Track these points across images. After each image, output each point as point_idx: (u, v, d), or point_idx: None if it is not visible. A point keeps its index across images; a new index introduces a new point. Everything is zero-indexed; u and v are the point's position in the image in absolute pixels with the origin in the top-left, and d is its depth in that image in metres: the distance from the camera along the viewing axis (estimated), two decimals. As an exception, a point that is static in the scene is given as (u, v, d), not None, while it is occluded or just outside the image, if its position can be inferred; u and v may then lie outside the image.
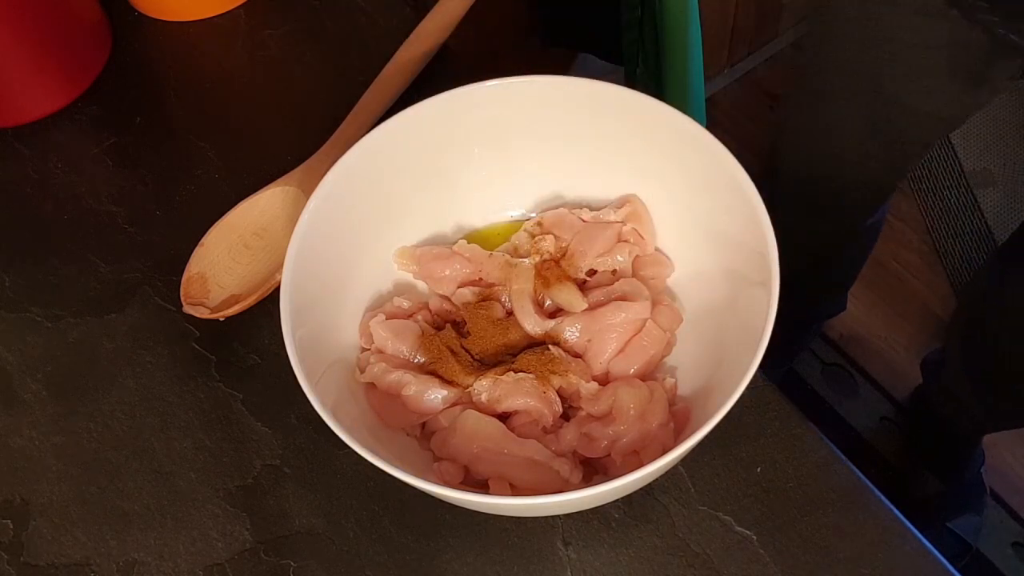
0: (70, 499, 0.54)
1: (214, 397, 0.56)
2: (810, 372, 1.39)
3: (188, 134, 0.67)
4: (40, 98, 0.68)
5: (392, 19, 0.71)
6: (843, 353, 1.41)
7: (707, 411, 0.44)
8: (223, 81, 0.70)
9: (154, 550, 0.52)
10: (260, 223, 0.60)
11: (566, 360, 0.50)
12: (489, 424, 0.49)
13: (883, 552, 0.48)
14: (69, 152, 0.67)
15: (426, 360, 0.51)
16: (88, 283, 0.61)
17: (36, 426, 0.56)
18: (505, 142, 0.55)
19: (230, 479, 0.53)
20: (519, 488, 0.47)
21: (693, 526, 0.50)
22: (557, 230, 0.54)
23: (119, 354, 0.58)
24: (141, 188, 0.65)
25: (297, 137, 0.64)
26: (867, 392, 1.38)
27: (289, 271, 0.48)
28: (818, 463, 0.51)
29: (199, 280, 0.58)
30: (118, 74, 0.70)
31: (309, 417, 0.50)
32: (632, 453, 0.48)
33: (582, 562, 0.49)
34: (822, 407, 1.36)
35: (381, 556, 0.50)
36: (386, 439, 0.48)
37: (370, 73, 0.65)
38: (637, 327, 0.51)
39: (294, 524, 0.52)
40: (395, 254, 0.55)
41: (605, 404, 0.49)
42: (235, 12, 0.73)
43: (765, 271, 0.45)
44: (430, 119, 0.53)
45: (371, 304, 0.54)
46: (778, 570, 0.48)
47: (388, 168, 0.53)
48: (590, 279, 0.54)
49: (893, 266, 1.47)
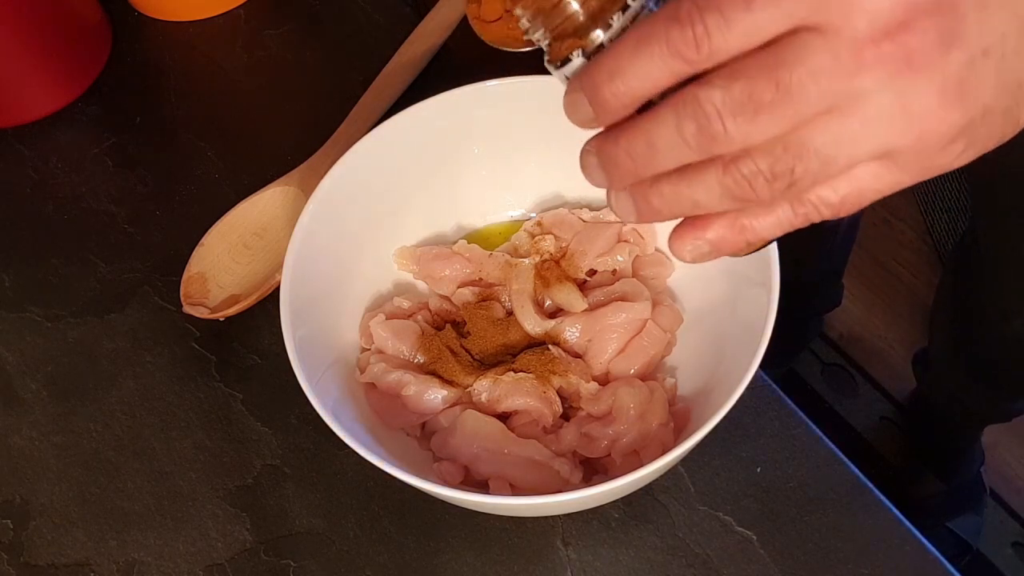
0: (70, 499, 0.54)
1: (214, 397, 0.56)
2: (810, 372, 1.39)
3: (188, 134, 0.67)
4: (40, 98, 0.68)
5: (392, 19, 0.71)
6: (843, 353, 1.41)
7: (707, 411, 0.44)
8: (223, 81, 0.70)
9: (154, 550, 0.52)
10: (260, 223, 0.60)
11: (566, 360, 0.50)
12: (489, 424, 0.49)
13: (883, 552, 0.48)
14: (69, 152, 0.67)
15: (426, 360, 0.51)
16: (88, 283, 0.61)
17: (36, 426, 0.56)
18: (505, 142, 0.55)
19: (230, 479, 0.53)
20: (519, 488, 0.47)
21: (693, 526, 0.50)
22: (557, 230, 0.54)
23: (119, 354, 0.58)
24: (141, 188, 0.65)
25: (297, 137, 0.64)
26: (867, 392, 1.38)
27: (289, 271, 0.48)
28: (818, 463, 0.51)
29: (199, 280, 0.58)
30: (118, 74, 0.70)
31: (309, 417, 0.50)
32: (632, 453, 0.48)
33: (582, 562, 0.49)
34: (822, 407, 1.36)
35: (381, 556, 0.50)
36: (386, 439, 0.48)
37: (370, 73, 0.65)
38: (637, 327, 0.51)
39: (294, 524, 0.52)
40: (395, 254, 0.55)
41: (605, 404, 0.49)
42: (235, 12, 0.73)
43: (765, 271, 0.45)
44: (430, 119, 0.53)
45: (371, 304, 0.54)
46: (778, 570, 0.48)
47: (388, 168, 0.53)
48: (590, 279, 0.54)
49: (893, 266, 1.47)
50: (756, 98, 0.27)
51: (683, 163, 0.30)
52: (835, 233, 1.07)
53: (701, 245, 0.33)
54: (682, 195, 0.31)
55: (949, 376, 1.12)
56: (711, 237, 0.32)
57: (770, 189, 0.29)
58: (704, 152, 0.29)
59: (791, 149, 0.28)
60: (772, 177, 0.29)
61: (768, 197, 0.30)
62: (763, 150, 0.29)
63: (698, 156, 0.29)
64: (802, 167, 0.29)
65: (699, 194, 0.30)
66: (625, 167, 0.31)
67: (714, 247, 0.33)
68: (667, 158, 0.30)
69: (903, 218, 1.50)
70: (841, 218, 0.31)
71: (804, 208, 0.30)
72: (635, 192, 0.32)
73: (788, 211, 0.31)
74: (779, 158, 0.28)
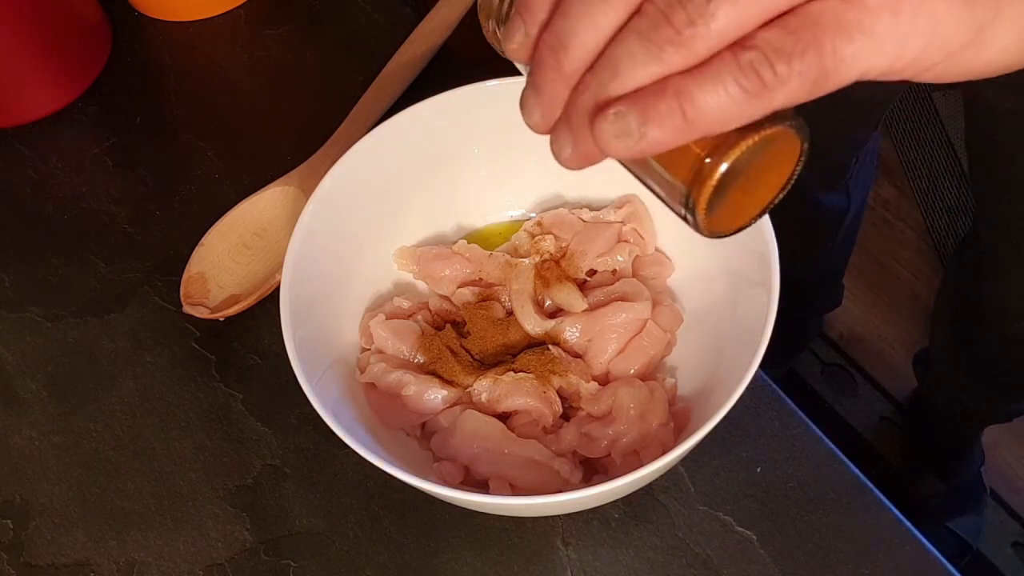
0: (70, 499, 0.54)
1: (214, 397, 0.56)
2: (810, 372, 1.39)
3: (188, 134, 0.67)
4: (40, 98, 0.68)
5: (392, 19, 0.71)
6: (843, 353, 1.41)
7: (707, 411, 0.44)
8: (223, 81, 0.70)
9: (154, 550, 0.52)
10: (260, 223, 0.60)
11: (566, 360, 0.50)
12: (489, 424, 0.49)
13: (883, 552, 0.48)
14: (69, 152, 0.67)
15: (426, 360, 0.51)
16: (88, 283, 0.61)
17: (36, 426, 0.56)
18: (505, 142, 0.55)
19: (230, 479, 0.53)
20: (519, 488, 0.47)
21: (693, 526, 0.50)
22: (557, 230, 0.54)
23: (119, 354, 0.58)
24: (141, 188, 0.65)
25: (297, 137, 0.64)
26: (867, 392, 1.38)
27: (289, 271, 0.48)
28: (818, 463, 0.51)
29: (199, 280, 0.58)
30: (118, 74, 0.70)
31: (309, 417, 0.50)
32: (632, 453, 0.48)
33: (582, 562, 0.49)
34: (822, 407, 1.36)
35: (381, 556, 0.50)
36: (386, 439, 0.48)
37: (370, 73, 0.65)
38: (638, 327, 0.51)
39: (294, 524, 0.52)
40: (395, 254, 0.55)
41: (605, 404, 0.49)
42: (235, 12, 0.73)
43: (765, 271, 0.45)
44: (430, 119, 0.53)
45: (371, 304, 0.54)
46: (778, 570, 0.48)
47: (388, 168, 0.53)
48: (590, 279, 0.54)
49: (893, 266, 1.47)
50: None
51: (656, 75, 0.26)
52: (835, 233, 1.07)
53: (626, 119, 0.27)
54: (609, 63, 0.27)
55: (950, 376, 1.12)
56: (638, 110, 0.27)
57: (789, 68, 0.25)
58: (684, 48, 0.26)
59: (801, 32, 0.25)
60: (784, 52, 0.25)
61: (703, 47, 0.26)
62: (763, 39, 0.25)
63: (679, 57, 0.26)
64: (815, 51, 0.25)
65: (623, 53, 0.27)
66: (548, 59, 0.28)
67: (643, 121, 0.27)
68: (629, 66, 0.26)
69: (903, 218, 1.50)
70: (842, 218, 0.30)
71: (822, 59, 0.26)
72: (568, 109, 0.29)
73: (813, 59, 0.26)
74: (785, 42, 0.25)
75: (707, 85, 0.26)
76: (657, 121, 0.26)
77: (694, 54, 0.26)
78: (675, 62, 0.26)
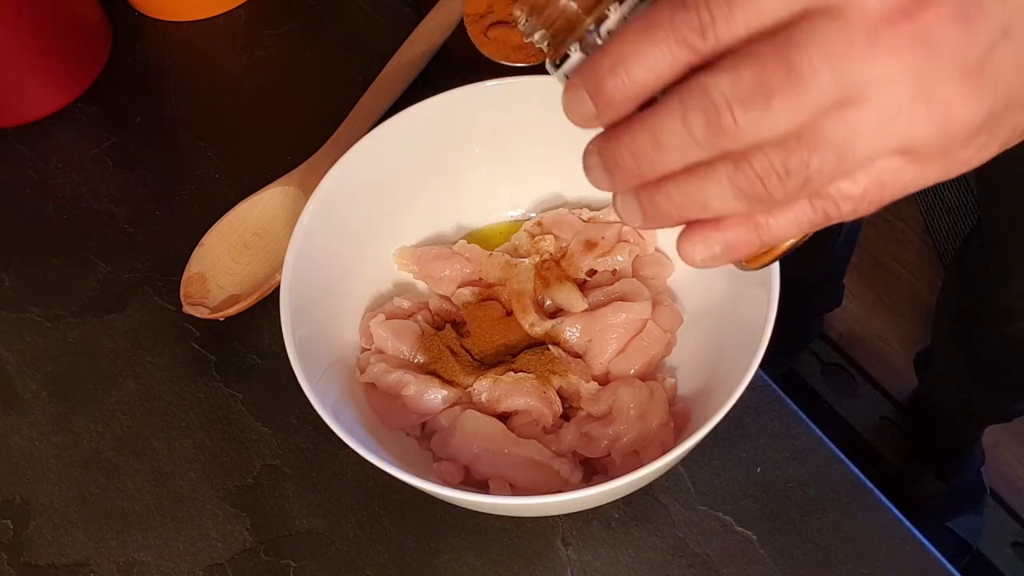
0: (70, 499, 0.54)
1: (214, 397, 0.56)
2: (810, 372, 1.39)
3: (188, 134, 0.67)
4: (40, 98, 0.68)
5: (392, 19, 0.71)
6: (843, 353, 1.41)
7: (707, 411, 0.44)
8: (223, 81, 0.70)
9: (154, 550, 0.52)
10: (260, 223, 0.60)
11: (566, 360, 0.50)
12: (489, 424, 0.49)
13: (883, 552, 0.48)
14: (69, 152, 0.67)
15: (426, 360, 0.51)
16: (88, 283, 0.61)
17: (36, 426, 0.56)
18: (505, 142, 0.55)
19: (230, 479, 0.53)
20: (519, 488, 0.47)
21: (693, 526, 0.50)
22: (557, 230, 0.54)
23: (119, 354, 0.58)
24: (141, 188, 0.65)
25: (297, 137, 0.64)
26: (867, 392, 1.38)
27: (289, 271, 0.48)
28: (818, 463, 0.51)
29: (199, 280, 0.58)
30: (118, 74, 0.70)
31: (309, 417, 0.50)
32: (632, 453, 0.48)
33: (582, 562, 0.49)
34: (822, 407, 1.36)
35: (381, 556, 0.50)
36: (386, 439, 0.48)
37: (370, 73, 0.65)
38: (638, 327, 0.51)
39: (294, 524, 0.52)
40: (395, 254, 0.55)
41: (605, 404, 0.49)
42: (235, 12, 0.73)
43: (765, 271, 0.45)
44: (430, 119, 0.53)
45: (371, 304, 0.54)
46: (778, 570, 0.48)
47: (388, 168, 0.53)
48: (590, 279, 0.54)
49: (893, 266, 1.47)
50: (767, 84, 0.26)
51: (691, 162, 0.28)
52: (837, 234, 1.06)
53: (713, 247, 0.30)
54: (690, 196, 0.29)
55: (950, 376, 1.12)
56: (724, 238, 0.30)
57: (784, 187, 0.28)
58: (713, 148, 0.28)
59: (805, 142, 0.27)
60: (786, 173, 0.27)
61: (783, 196, 0.28)
62: (776, 144, 0.27)
63: (706, 153, 0.28)
64: (818, 161, 0.27)
65: (709, 195, 0.29)
66: (629, 167, 0.29)
67: (727, 249, 0.30)
68: (673, 156, 0.28)
69: (904, 218, 1.50)
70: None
71: (823, 203, 0.29)
72: (640, 194, 0.30)
73: (807, 207, 0.29)
74: (793, 151, 0.27)
75: (783, 219, 0.30)
76: (744, 252, 0.31)
77: (776, 203, 0.29)
78: (762, 208, 0.29)
